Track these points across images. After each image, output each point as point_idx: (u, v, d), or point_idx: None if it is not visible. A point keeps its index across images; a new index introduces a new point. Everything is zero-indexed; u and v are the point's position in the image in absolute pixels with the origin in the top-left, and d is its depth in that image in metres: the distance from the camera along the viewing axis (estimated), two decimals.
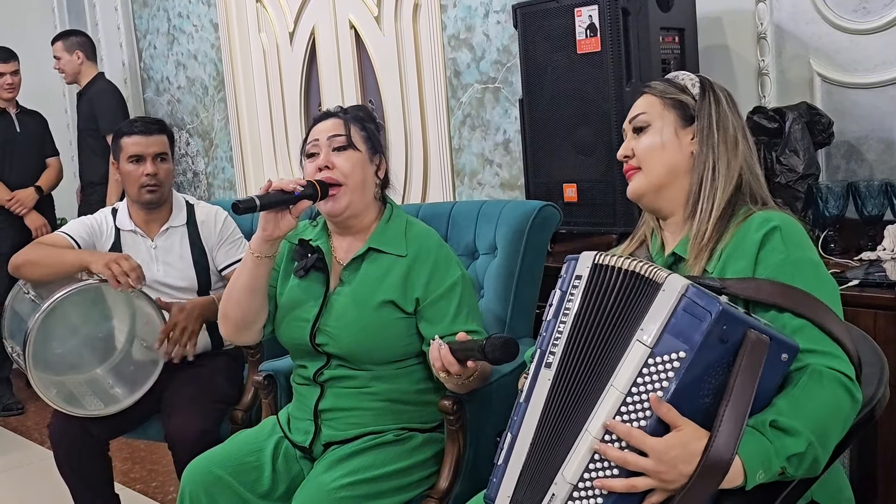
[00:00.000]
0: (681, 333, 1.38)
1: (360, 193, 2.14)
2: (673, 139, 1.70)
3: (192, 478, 2.11)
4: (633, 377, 1.40)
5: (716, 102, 1.70)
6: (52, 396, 2.63)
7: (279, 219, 2.06)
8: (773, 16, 2.90)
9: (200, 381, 2.76)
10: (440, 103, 4.06)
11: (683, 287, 1.40)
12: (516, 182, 3.76)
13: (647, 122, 1.73)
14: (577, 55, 2.80)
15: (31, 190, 5.00)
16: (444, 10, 3.97)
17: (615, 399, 1.40)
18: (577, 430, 1.45)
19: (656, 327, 1.40)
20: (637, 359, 1.40)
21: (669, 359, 1.38)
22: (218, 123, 5.39)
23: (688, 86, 1.73)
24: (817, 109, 2.70)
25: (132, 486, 3.72)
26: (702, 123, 1.69)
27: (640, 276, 1.48)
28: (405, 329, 2.11)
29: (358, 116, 2.20)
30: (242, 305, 2.16)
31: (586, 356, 1.49)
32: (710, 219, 1.63)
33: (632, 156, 1.73)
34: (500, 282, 2.46)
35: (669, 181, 1.70)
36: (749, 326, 1.37)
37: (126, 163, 2.86)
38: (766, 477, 1.37)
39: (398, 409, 2.13)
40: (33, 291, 2.76)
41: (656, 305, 1.42)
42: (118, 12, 5.90)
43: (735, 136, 1.69)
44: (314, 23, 4.63)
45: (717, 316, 1.35)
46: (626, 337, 1.44)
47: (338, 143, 2.13)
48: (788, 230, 1.57)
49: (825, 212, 2.58)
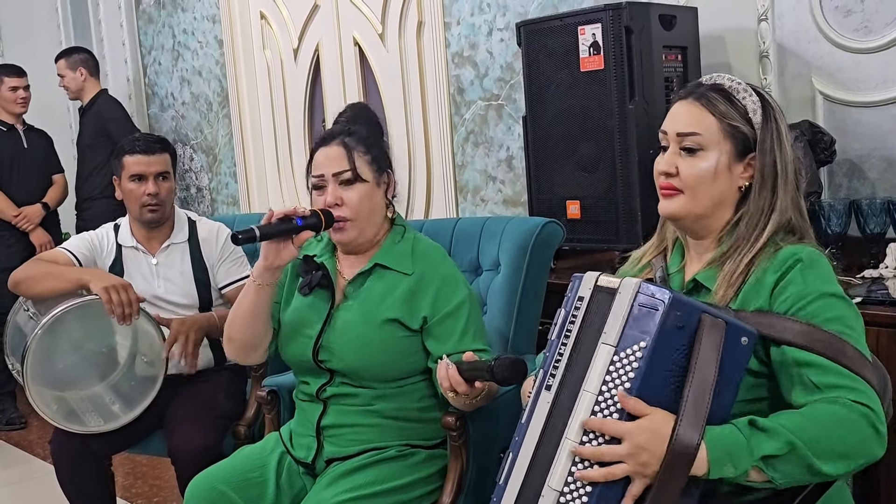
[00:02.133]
0: (639, 326, 1.43)
1: (368, 223, 2.13)
2: (725, 171, 1.59)
3: (195, 493, 2.10)
4: (602, 377, 1.44)
5: (778, 137, 1.59)
6: (52, 413, 2.63)
7: (281, 248, 2.05)
8: (776, 34, 2.91)
9: (203, 396, 2.75)
10: (443, 120, 4.07)
11: (636, 284, 1.45)
12: (519, 199, 3.77)
13: (701, 145, 1.60)
14: (581, 73, 2.81)
15: (38, 206, 5.02)
16: (448, 28, 3.99)
17: (588, 401, 1.44)
18: (558, 441, 1.47)
19: (617, 326, 1.45)
20: (603, 359, 1.45)
21: (632, 351, 1.42)
22: (222, 139, 5.41)
23: (749, 111, 1.60)
24: (819, 128, 2.71)
25: (134, 501, 3.72)
26: (763, 161, 1.59)
27: (610, 290, 1.50)
28: (409, 347, 2.11)
29: (361, 136, 2.15)
30: (247, 330, 2.17)
31: (576, 375, 1.50)
32: (746, 258, 1.57)
33: (675, 174, 1.62)
34: (503, 298, 2.46)
35: (712, 211, 1.62)
36: (703, 311, 1.42)
37: (127, 181, 2.85)
38: (735, 472, 1.38)
39: (401, 426, 2.12)
40: (33, 308, 2.75)
41: (615, 307, 1.47)
42: (123, 28, 5.93)
43: (794, 177, 1.61)
44: (318, 39, 4.65)
45: (669, 303, 1.41)
46: (594, 344, 1.48)
47: (344, 178, 2.10)
48: (811, 263, 1.53)
49: (828, 230, 2.58)
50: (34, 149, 5.14)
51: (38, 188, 5.10)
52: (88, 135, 5.20)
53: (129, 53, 5.97)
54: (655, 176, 1.66)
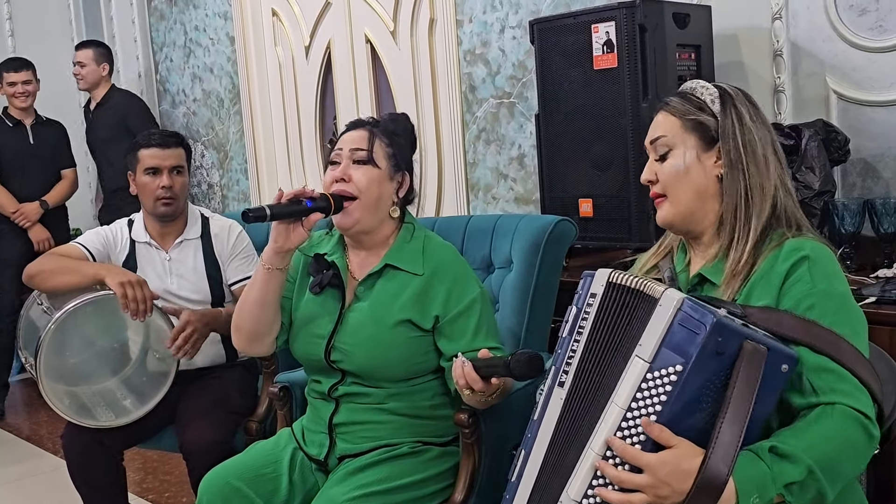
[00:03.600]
0: (677, 347, 1.38)
1: (372, 210, 2.12)
2: (696, 164, 1.64)
3: (209, 489, 2.11)
4: (633, 392, 1.40)
5: (738, 120, 1.62)
6: (65, 407, 2.63)
7: (291, 230, 2.05)
8: (790, 33, 2.91)
9: (215, 392, 2.76)
10: (455, 118, 4.07)
11: (679, 300, 1.40)
12: (531, 197, 3.77)
13: (668, 145, 1.66)
14: (594, 71, 2.81)
15: (37, 204, 5.00)
16: (460, 26, 3.99)
17: (616, 415, 1.41)
18: (581, 448, 1.45)
19: (654, 342, 1.41)
20: (636, 374, 1.41)
21: (667, 373, 1.38)
22: (233, 136, 5.42)
23: (707, 101, 1.65)
24: (833, 127, 2.71)
25: (145, 496, 3.73)
26: (727, 146, 1.62)
27: (642, 293, 1.47)
28: (421, 347, 2.10)
29: (388, 130, 2.18)
30: (254, 318, 2.16)
31: (595, 374, 1.50)
32: (747, 246, 1.58)
33: (655, 180, 1.68)
34: (515, 296, 2.46)
35: (697, 206, 1.64)
36: (745, 337, 1.37)
37: (142, 175, 2.86)
38: (760, 502, 1.36)
39: (413, 424, 2.12)
40: (46, 302, 2.76)
41: (654, 320, 1.42)
42: (135, 25, 5.95)
43: (765, 155, 1.62)
44: (330, 37, 4.66)
45: (711, 328, 1.35)
46: (628, 353, 1.45)
47: (358, 157, 2.11)
48: (817, 260, 1.53)
49: (841, 229, 2.58)
50: (41, 144, 5.12)
51: (44, 184, 5.09)
52: (107, 128, 5.18)
53: (141, 50, 5.99)
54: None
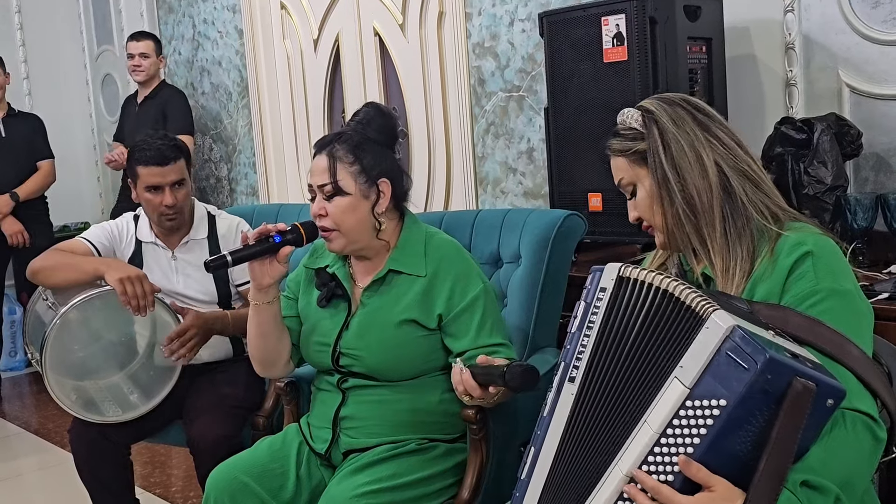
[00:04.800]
0: (723, 379, 1.31)
1: (355, 234, 2.11)
2: (658, 191, 1.62)
3: (216, 484, 2.11)
4: (669, 418, 1.35)
5: (660, 134, 1.61)
6: (71, 403, 2.63)
7: (266, 267, 2.07)
8: (802, 26, 2.88)
9: (222, 387, 2.75)
10: (464, 111, 4.05)
11: (729, 328, 1.33)
12: (540, 191, 3.75)
13: (629, 183, 1.67)
14: (604, 64, 2.79)
15: (6, 197, 4.99)
16: (469, 19, 3.96)
17: (649, 438, 1.37)
18: (606, 460, 1.42)
19: (697, 368, 1.34)
20: (674, 399, 1.35)
21: (709, 405, 1.32)
22: (241, 129, 5.41)
23: (637, 127, 1.65)
24: (846, 120, 2.68)
25: (152, 490, 3.73)
26: (652, 165, 1.61)
27: (679, 301, 1.42)
28: (428, 346, 2.11)
29: (353, 143, 2.10)
30: (260, 349, 2.20)
31: (613, 374, 1.47)
32: (721, 252, 1.57)
33: (637, 217, 1.69)
34: (523, 291, 2.45)
35: (684, 222, 1.61)
36: (795, 374, 1.29)
37: (143, 191, 2.79)
38: None
39: (421, 420, 2.12)
40: (52, 298, 2.75)
41: (699, 343, 1.35)
42: (144, 18, 5.94)
43: (694, 152, 1.58)
44: (338, 30, 4.64)
45: (763, 366, 1.28)
46: (662, 367, 1.40)
47: (326, 192, 2.08)
48: (821, 255, 1.51)
49: (853, 224, 2.55)
50: (13, 137, 5.10)
51: (18, 176, 5.06)
52: (151, 121, 5.11)
53: None
54: None
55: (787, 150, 2.63)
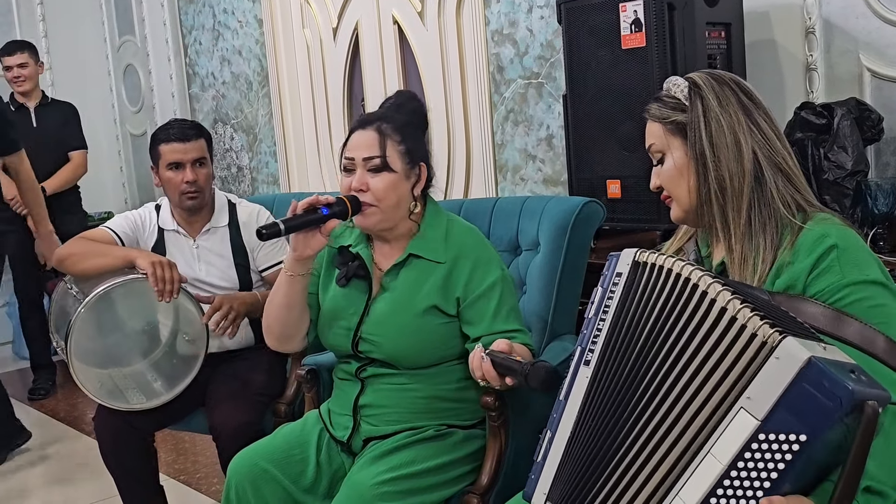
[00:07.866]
0: (800, 413, 1.25)
1: (392, 212, 2.11)
2: (686, 163, 1.63)
3: (238, 470, 2.13)
4: (739, 451, 1.30)
5: (703, 110, 1.60)
6: (96, 390, 2.66)
7: (309, 239, 2.06)
8: (822, 10, 2.86)
9: (243, 374, 2.78)
10: (483, 98, 4.05)
11: (805, 360, 1.26)
12: (559, 178, 3.75)
13: (659, 151, 1.67)
14: (622, 51, 2.78)
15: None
16: (488, 6, 3.96)
17: (717, 472, 1.31)
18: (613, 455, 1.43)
19: (769, 399, 1.28)
20: (745, 431, 1.29)
21: (786, 440, 1.26)
22: (262, 118, 5.43)
23: (682, 99, 1.64)
24: (867, 105, 2.66)
25: (176, 477, 3.77)
26: (692, 139, 1.61)
27: (695, 286, 1.40)
28: (448, 333, 2.11)
29: (398, 124, 2.12)
30: (281, 320, 2.20)
31: (628, 357, 1.47)
32: (742, 240, 1.57)
33: (659, 186, 1.69)
34: (542, 278, 2.45)
35: (706, 200, 1.61)
36: (866, 398, 1.25)
37: (165, 170, 2.85)
38: None
39: (439, 407, 2.13)
40: (76, 287, 2.78)
41: (771, 372, 1.29)
42: (164, 8, 5.96)
43: (734, 135, 1.58)
44: (357, 18, 4.65)
45: (847, 403, 1.22)
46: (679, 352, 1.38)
47: (372, 165, 2.08)
48: (846, 248, 1.50)
49: (874, 209, 2.54)
50: (45, 126, 5.10)
51: (51, 167, 5.04)
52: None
53: (170, 33, 6.00)
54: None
55: (807, 136, 2.62)
